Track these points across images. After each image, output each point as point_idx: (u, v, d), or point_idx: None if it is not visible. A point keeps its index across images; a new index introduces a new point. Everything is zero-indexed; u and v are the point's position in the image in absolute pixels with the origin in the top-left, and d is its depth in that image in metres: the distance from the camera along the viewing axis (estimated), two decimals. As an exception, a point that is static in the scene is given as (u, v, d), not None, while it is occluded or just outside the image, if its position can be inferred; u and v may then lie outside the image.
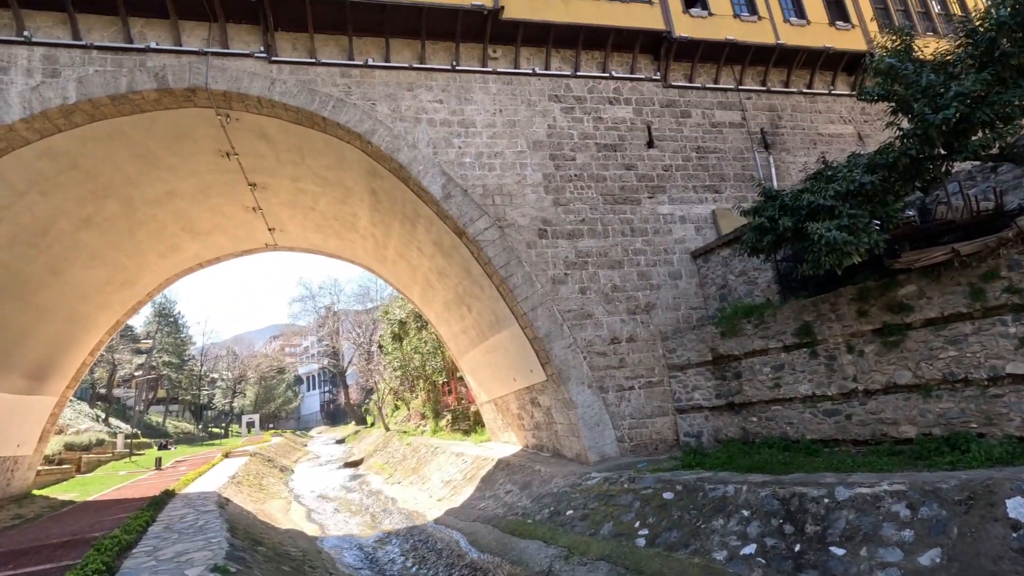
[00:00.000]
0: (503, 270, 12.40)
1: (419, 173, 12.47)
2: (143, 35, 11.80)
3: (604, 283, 12.99)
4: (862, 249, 7.61)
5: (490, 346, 15.79)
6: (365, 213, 16.28)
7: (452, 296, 16.50)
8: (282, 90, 12.16)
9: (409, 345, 30.80)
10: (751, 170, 14.81)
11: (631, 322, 12.88)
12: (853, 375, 9.01)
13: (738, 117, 15.23)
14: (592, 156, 13.77)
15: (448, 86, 13.30)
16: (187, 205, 16.06)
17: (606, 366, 12.46)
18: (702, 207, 14.15)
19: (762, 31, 15.32)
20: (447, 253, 14.37)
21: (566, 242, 13.03)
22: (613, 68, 14.55)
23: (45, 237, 13.71)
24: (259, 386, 66.77)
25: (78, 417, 33.14)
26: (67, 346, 17.36)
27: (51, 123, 11.26)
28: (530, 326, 12.38)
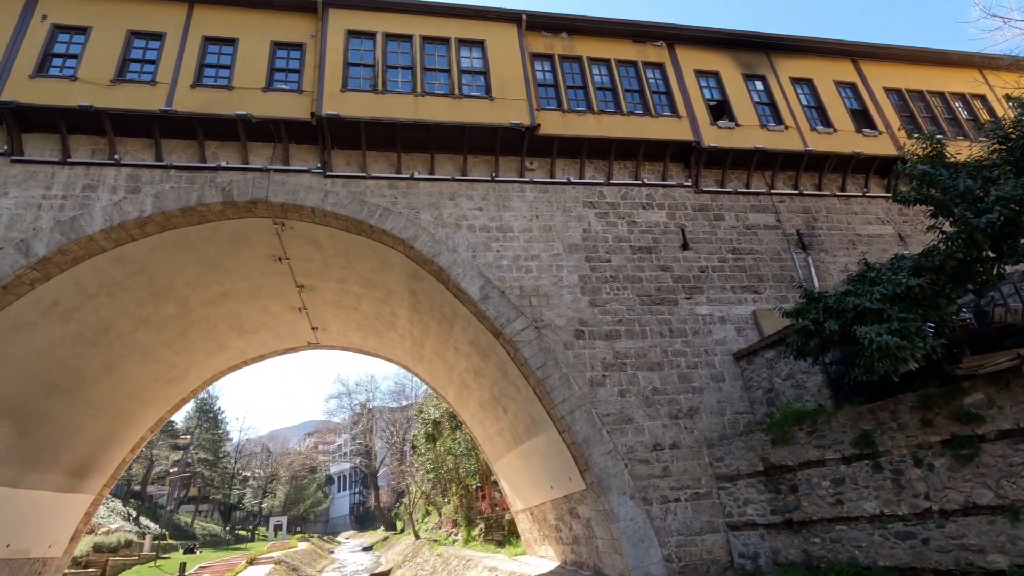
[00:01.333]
0: (540, 371, 12.26)
1: (458, 275, 12.87)
2: (216, 156, 13.13)
3: (644, 385, 12.63)
4: (918, 354, 7.25)
5: (526, 450, 15.24)
6: (404, 313, 16.69)
7: (487, 397, 16.28)
8: (334, 201, 13.09)
9: (442, 446, 30.05)
10: (790, 271, 14.69)
11: (674, 427, 12.31)
12: (925, 492, 8.21)
13: (772, 219, 15.40)
14: (627, 258, 14.00)
15: (487, 195, 14.06)
16: (238, 305, 16.86)
17: (649, 475, 11.76)
18: (742, 308, 13.95)
19: (789, 139, 15.88)
20: (483, 353, 14.39)
21: (603, 343, 12.91)
22: (645, 176, 15.18)
23: (105, 336, 14.49)
24: (290, 486, 65.46)
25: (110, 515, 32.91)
26: (111, 443, 17.67)
27: (127, 233, 12.32)
28: (567, 430, 11.97)
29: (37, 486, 15.22)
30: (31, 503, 15.22)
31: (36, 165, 12.34)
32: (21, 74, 12.43)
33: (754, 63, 17.15)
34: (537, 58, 15.59)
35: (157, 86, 12.93)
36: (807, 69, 17.50)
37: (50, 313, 12.58)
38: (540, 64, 15.55)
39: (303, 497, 68.44)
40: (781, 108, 16.43)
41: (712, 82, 16.53)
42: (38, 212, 11.92)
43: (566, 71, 15.57)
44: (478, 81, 14.59)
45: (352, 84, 13.74)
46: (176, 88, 12.97)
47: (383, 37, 14.52)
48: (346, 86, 13.59)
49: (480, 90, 14.45)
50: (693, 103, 15.76)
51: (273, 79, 13.70)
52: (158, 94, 12.82)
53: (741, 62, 17.03)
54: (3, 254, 11.35)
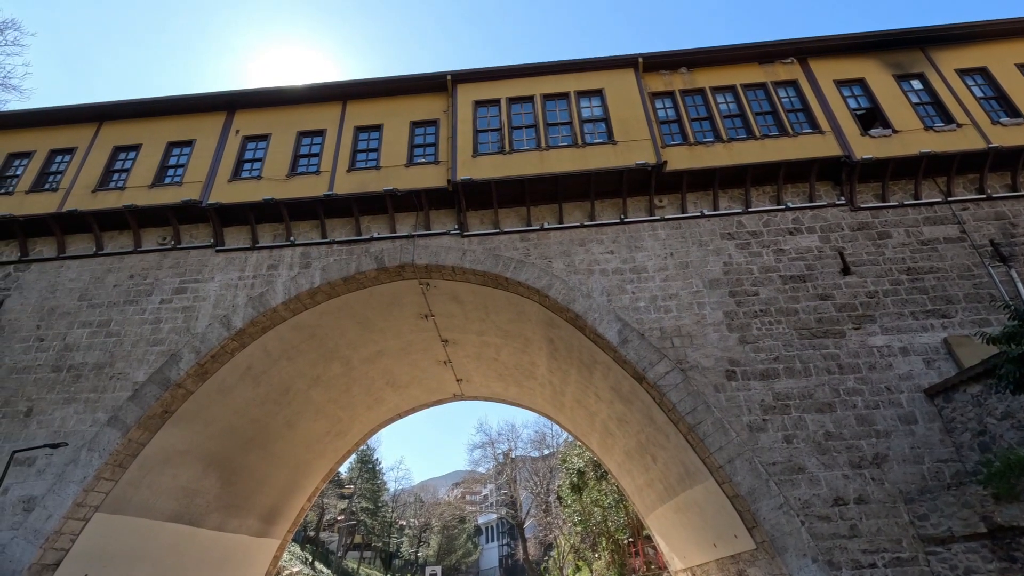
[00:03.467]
0: (690, 416, 11.50)
1: (594, 321, 12.75)
2: (368, 228, 14.69)
3: (813, 429, 11.24)
4: None
5: (681, 503, 14.19)
6: (543, 361, 16.83)
7: (634, 444, 15.59)
8: (472, 258, 13.86)
9: (588, 497, 29.13)
10: (987, 288, 12.42)
11: (857, 478, 10.69)
12: None
13: (955, 231, 13.28)
14: (777, 289, 12.87)
15: (618, 237, 13.95)
16: (391, 362, 18.28)
17: (832, 534, 10.25)
18: (928, 335, 12.00)
19: (966, 138, 13.79)
20: (626, 399, 13.91)
21: (759, 383, 11.81)
22: (788, 199, 14.06)
23: (286, 395, 16.46)
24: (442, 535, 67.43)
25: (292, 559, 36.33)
26: (292, 491, 19.73)
27: (301, 303, 14.11)
28: (728, 481, 10.96)
29: (238, 530, 17.37)
30: (233, 546, 17.36)
31: (233, 252, 14.77)
32: (222, 180, 15.15)
33: (906, 62, 15.40)
34: (657, 96, 15.50)
35: (320, 175, 14.95)
36: (977, 57, 15.28)
37: (245, 377, 14.64)
38: (661, 102, 15.43)
39: (454, 547, 69.94)
40: (949, 105, 14.43)
41: (857, 90, 15.09)
42: (235, 291, 14.15)
43: (688, 104, 15.25)
44: (599, 128, 14.83)
45: (482, 149, 14.72)
46: (335, 174, 14.89)
47: (507, 102, 15.47)
48: (476, 151, 14.58)
49: (602, 136, 14.64)
50: (837, 115, 14.46)
51: (413, 155, 15.16)
52: (322, 181, 14.81)
53: (890, 63, 15.39)
54: (211, 329, 13.57)
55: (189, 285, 14.39)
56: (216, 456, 15.38)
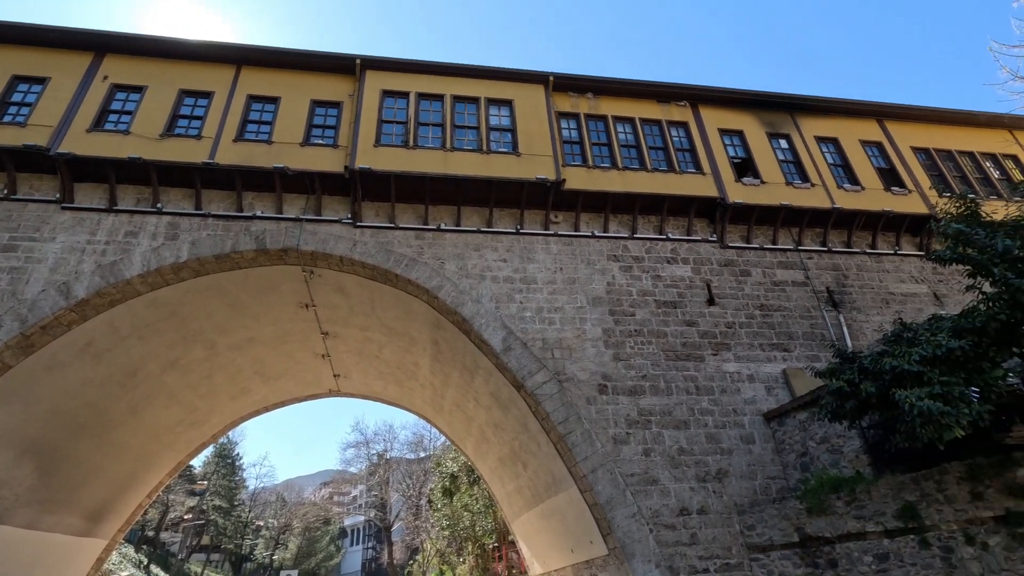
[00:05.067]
0: (561, 426, 11.95)
1: (481, 326, 12.85)
2: (252, 206, 13.65)
3: (669, 444, 12.18)
4: (963, 421, 6.85)
5: (546, 510, 14.67)
6: (426, 362, 16.64)
7: (507, 451, 15.88)
8: (362, 250, 13.38)
9: (459, 501, 29.18)
10: (820, 329, 14.29)
11: (701, 491, 11.75)
12: (980, 574, 7.56)
13: (801, 276, 15.15)
14: (652, 312, 13.83)
15: (512, 247, 14.21)
16: (264, 350, 17.06)
17: (675, 542, 11.14)
18: (771, 366, 13.53)
19: (816, 196, 15.83)
20: (504, 406, 14.15)
21: (627, 399, 12.58)
22: (669, 230, 15.20)
23: (134, 378, 14.72)
24: (303, 538, 63.90)
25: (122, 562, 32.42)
26: (130, 486, 17.63)
27: (162, 278, 12.73)
28: (590, 490, 11.52)
29: (53, 529, 15.15)
30: (45, 547, 15.11)
31: (84, 212, 12.99)
32: (79, 128, 13.29)
33: (778, 122, 17.37)
34: (563, 116, 16.07)
35: (202, 140, 13.65)
36: (832, 128, 17.64)
37: (84, 354, 12.89)
38: (566, 122, 16.01)
39: (315, 550, 66.55)
40: (807, 166, 16.48)
41: (736, 140, 16.74)
42: (81, 256, 12.44)
43: (591, 129, 15.99)
44: (505, 138, 15.05)
45: (385, 140, 14.31)
46: (219, 142, 13.67)
47: (416, 97, 15.20)
48: (379, 141, 14.15)
49: (507, 146, 14.87)
50: (717, 160, 15.93)
51: (311, 135, 14.36)
52: (202, 147, 13.52)
53: (765, 121, 17.27)
54: (45, 296, 11.79)
55: (22, 243, 12.41)
56: (36, 442, 13.34)
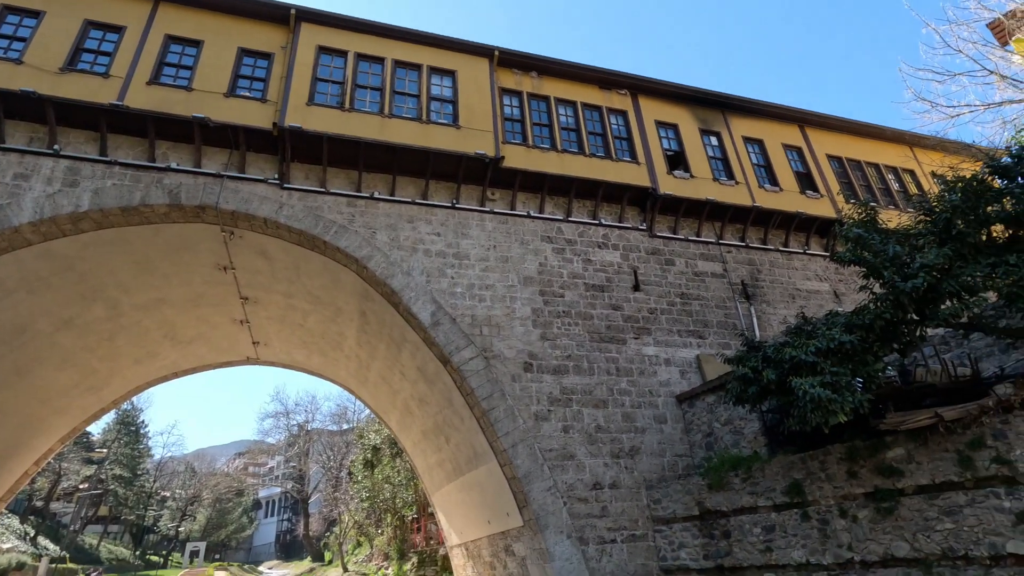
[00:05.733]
0: (485, 402, 12.11)
1: (410, 299, 12.68)
2: (166, 156, 12.62)
3: (588, 422, 12.66)
4: (847, 408, 7.57)
5: (466, 483, 14.90)
6: (352, 333, 16.26)
7: (431, 425, 15.92)
8: (289, 214, 12.76)
9: (381, 474, 29.05)
10: (733, 319, 15.23)
11: (614, 466, 12.34)
12: (848, 543, 8.47)
13: (719, 268, 16.01)
14: (580, 295, 14.18)
15: (447, 221, 14.04)
16: (174, 313, 16.02)
17: (587, 514, 11.68)
18: (686, 351, 14.30)
19: (739, 194, 16.70)
20: (430, 380, 14.12)
21: (551, 377, 12.91)
22: (603, 216, 15.56)
23: (21, 336, 13.42)
24: (212, 509, 61.47)
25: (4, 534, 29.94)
26: (12, 453, 16.18)
27: (58, 228, 11.58)
28: (509, 464, 11.79)
29: (-81, 498, 13.70)
30: (-91, 517, 13.64)
31: (-36, 147, 11.52)
32: (-41, 51, 11.70)
33: (711, 119, 18.08)
34: (506, 93, 15.92)
35: (110, 79, 12.41)
36: (758, 130, 18.58)
37: (-41, 307, 11.58)
38: (509, 99, 15.88)
39: (226, 522, 64.32)
40: (733, 164, 17.30)
41: (671, 133, 17.28)
42: (-41, 197, 11.07)
43: (533, 108, 15.95)
44: (446, 109, 14.73)
45: (319, 99, 13.61)
46: (131, 83, 12.49)
47: (355, 57, 14.52)
48: (312, 100, 13.44)
49: (448, 118, 14.58)
50: (652, 151, 16.40)
51: (237, 85, 13.40)
52: (110, 87, 12.30)
53: (699, 117, 17.92)
54: (-88, 239, 10.44)
55: None
56: None
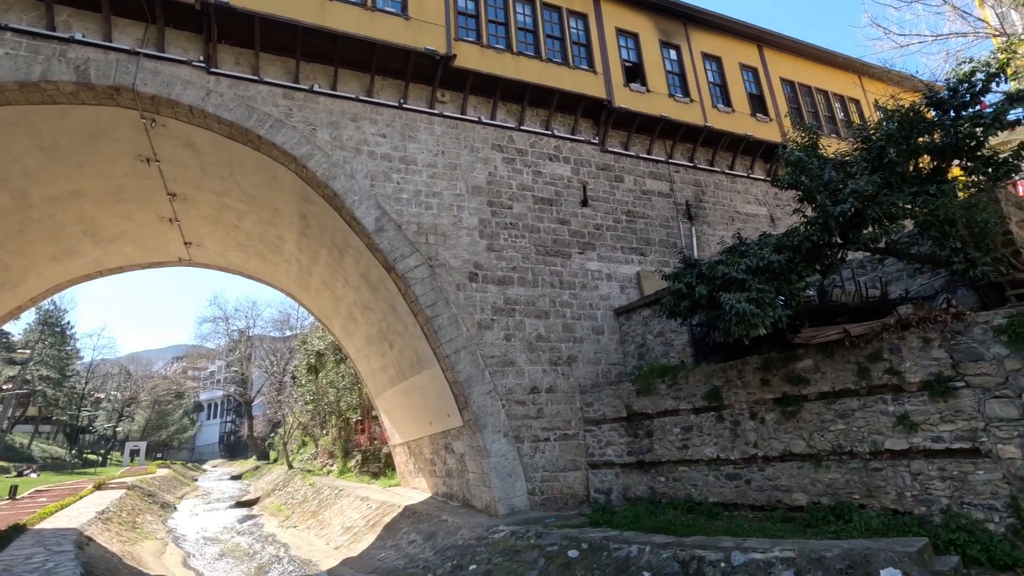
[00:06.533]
0: (429, 310, 12.21)
1: (353, 203, 12.23)
2: (68, 24, 11.07)
3: (529, 332, 13.08)
4: (767, 322, 8.13)
5: (409, 386, 15.34)
6: (292, 237, 15.69)
7: (375, 332, 16.01)
8: (218, 102, 11.70)
9: (325, 379, 29.39)
10: (675, 238, 15.69)
11: (552, 373, 12.97)
12: (754, 441, 9.44)
13: (666, 187, 16.21)
14: (528, 207, 14.10)
15: (393, 122, 13.32)
16: (93, 208, 14.84)
17: (524, 415, 12.38)
18: (628, 267, 14.74)
19: (693, 112, 16.61)
20: (374, 287, 14.01)
21: (496, 288, 13.08)
22: (555, 127, 15.18)
23: (-87, 224, 12.14)
24: (152, 410, 60.97)
25: (-79, 433, 28.74)
26: (-81, 350, 15.15)
27: (-58, 101, 10.18)
28: (451, 369, 12.16)
29: None
30: None
31: None
32: None
33: (672, 31, 17.49)
34: (461, -17, 14.67)
35: (-10, -77, 10.48)
36: (718, 47, 18.20)
37: None
38: (463, -10, 14.67)
39: (166, 423, 64.22)
40: (690, 81, 17.04)
41: (631, 43, 16.67)
42: None
43: (489, 4, 14.85)
44: (394, -5, 13.48)
45: (248, -30, 12.08)
46: (17, -69, 10.61)
47: (289, -78, 12.80)
48: (241, -29, 11.92)
49: (396, 6, 13.39)
50: (610, 61, 15.84)
51: (149, -55, 11.64)
52: (-9, -67, 10.41)
53: (660, 28, 17.30)
54: None
55: None
56: None
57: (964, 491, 6.98)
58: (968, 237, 7.67)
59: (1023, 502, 6.46)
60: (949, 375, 7.21)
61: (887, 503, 7.65)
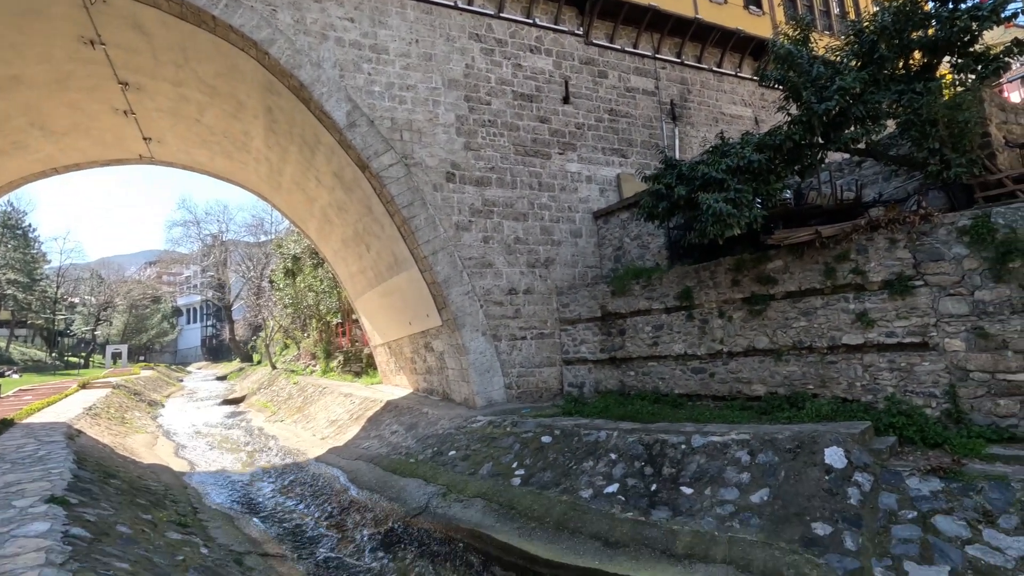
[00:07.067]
0: (406, 210, 12.00)
1: (322, 96, 11.54)
2: None
3: (507, 234, 13.04)
4: (743, 222, 8.22)
5: (387, 288, 15.43)
6: (259, 133, 14.91)
7: (351, 233, 15.79)
8: (163, -25, 10.54)
9: (303, 282, 29.36)
10: (658, 139, 15.34)
11: (530, 275, 13.12)
12: (721, 338, 9.88)
13: (651, 85, 15.59)
14: (508, 103, 13.50)
15: (361, 4, 12.26)
16: (38, 97, 13.75)
17: (501, 315, 12.67)
18: (608, 169, 14.51)
19: (683, 3, 15.59)
20: (348, 187, 13.62)
21: (473, 189, 12.83)
22: (537, 15, 14.18)
23: None
24: (129, 314, 60.80)
25: None
26: None
27: None
28: (430, 270, 12.20)
29: None
30: None
31: None
32: None
33: (667, -94, 15.93)
34: None
35: None
36: (716, -74, 16.74)
37: None
38: None
39: (146, 327, 64.37)
40: (683, -35, 15.83)
41: (622, -82, 15.19)
42: None
43: None
44: None
45: None
46: None
47: None
48: None
49: None
50: (599, -61, 14.52)
51: None
52: None
53: (655, -99, 15.71)
54: None
55: None
56: None
57: (908, 381, 7.52)
58: (947, 138, 7.64)
59: (960, 390, 7.01)
60: (910, 275, 7.49)
61: (838, 392, 8.23)
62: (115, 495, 6.92)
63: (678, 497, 6.88)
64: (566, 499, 7.63)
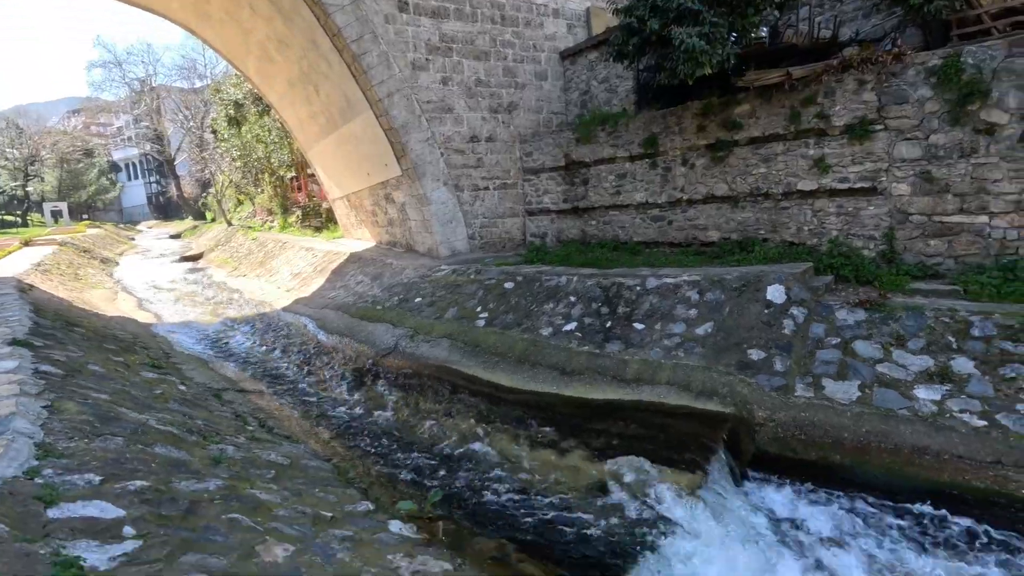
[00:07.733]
0: (355, 45, 10.89)
1: None
2: None
3: (468, 75, 12.16)
4: (715, 60, 7.84)
5: (342, 136, 14.57)
6: (174, -53, 12.72)
7: (296, 73, 14.41)
8: None
9: (250, 132, 27.34)
10: (633, -33, 13.87)
11: (492, 121, 12.53)
12: (682, 186, 9.97)
13: (630, -102, 13.68)
14: (466, -85, 11.74)
15: None
16: None
17: (463, 164, 12.31)
18: (577, 2, 13.26)
19: None
20: (287, 17, 12.11)
21: (430, 21, 11.63)
22: None
23: None
24: (61, 169, 56.43)
25: None
26: None
27: None
28: (385, 115, 11.47)
29: None
30: None
31: None
32: None
33: None
34: None
35: None
36: None
37: None
38: None
39: (83, 183, 60.18)
40: None
41: None
42: None
43: None
44: None
45: None
46: None
47: None
48: None
49: None
50: None
51: None
52: None
53: None
54: None
55: None
56: None
57: (852, 224, 7.91)
58: (935, -34, 7.17)
59: (897, 232, 7.44)
60: (872, 118, 7.49)
61: (787, 237, 8.63)
62: (82, 341, 6.97)
63: (630, 332, 7.41)
64: (527, 337, 8.13)
